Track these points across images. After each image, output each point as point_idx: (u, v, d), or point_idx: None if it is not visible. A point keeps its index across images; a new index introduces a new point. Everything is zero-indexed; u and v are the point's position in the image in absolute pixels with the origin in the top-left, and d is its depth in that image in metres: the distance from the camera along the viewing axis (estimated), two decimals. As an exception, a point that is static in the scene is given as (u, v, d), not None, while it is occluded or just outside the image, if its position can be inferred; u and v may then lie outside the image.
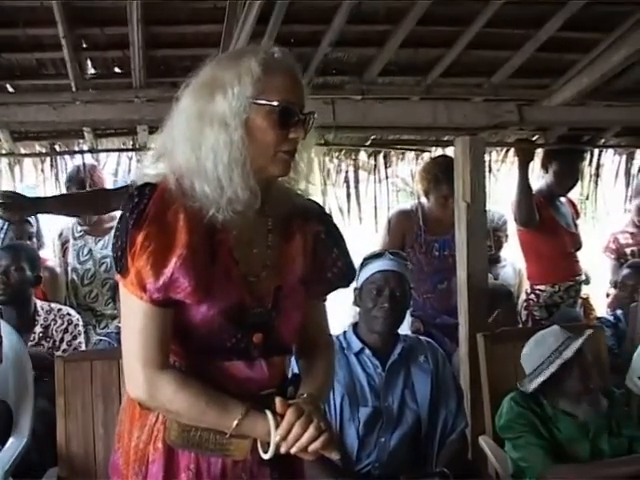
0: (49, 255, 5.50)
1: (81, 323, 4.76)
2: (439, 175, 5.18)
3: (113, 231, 2.14)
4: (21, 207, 4.58)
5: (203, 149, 2.04)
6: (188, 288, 2.02)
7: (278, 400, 2.07)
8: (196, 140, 2.05)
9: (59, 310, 4.71)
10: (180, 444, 2.14)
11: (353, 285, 3.70)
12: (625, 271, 5.47)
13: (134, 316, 2.07)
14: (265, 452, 2.09)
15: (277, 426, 2.05)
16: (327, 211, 2.49)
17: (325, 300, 2.43)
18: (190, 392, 2.07)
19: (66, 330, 4.63)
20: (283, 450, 2.05)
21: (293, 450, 2.05)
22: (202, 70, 2.12)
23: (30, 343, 4.53)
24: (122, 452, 2.24)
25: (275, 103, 2.04)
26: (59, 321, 4.65)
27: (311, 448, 2.05)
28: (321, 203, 2.50)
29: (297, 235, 2.25)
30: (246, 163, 2.04)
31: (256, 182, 2.07)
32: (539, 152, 5.69)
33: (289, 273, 2.22)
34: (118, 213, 5.30)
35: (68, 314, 4.71)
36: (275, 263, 2.20)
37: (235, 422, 2.06)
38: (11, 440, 3.80)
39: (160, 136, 2.19)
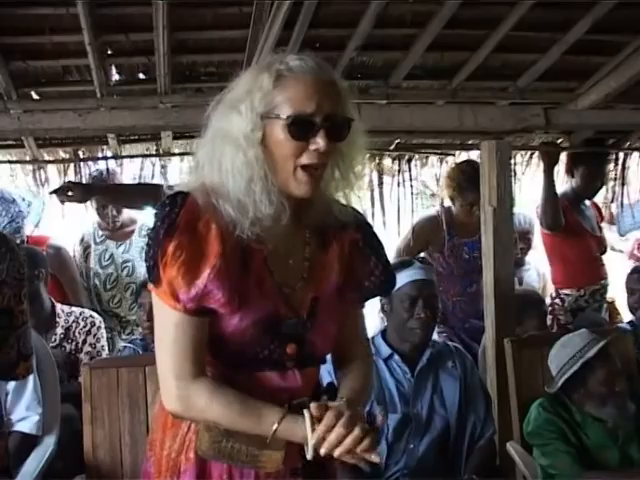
0: (47, 233, 5.48)
1: (103, 325, 4.76)
2: (463, 184, 5.17)
3: (146, 239, 2.13)
4: (82, 194, 4.91)
5: (223, 169, 2.02)
6: (222, 299, 2.00)
7: (314, 404, 2.02)
8: (218, 160, 2.03)
9: (81, 313, 4.72)
10: (211, 455, 2.12)
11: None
12: (634, 276, 5.41)
13: (167, 326, 2.05)
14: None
15: (313, 426, 2.00)
16: (367, 220, 2.41)
17: (363, 307, 2.40)
18: (223, 401, 2.05)
19: (89, 332, 4.64)
20: (323, 452, 1.98)
21: (337, 453, 1.98)
22: (230, 85, 2.10)
23: (51, 344, 4.54)
24: (154, 460, 2.23)
25: (284, 116, 1.98)
26: (82, 323, 4.66)
27: (359, 449, 1.98)
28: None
29: (334, 244, 2.22)
30: (267, 180, 2.00)
31: (285, 197, 2.03)
32: (564, 155, 5.66)
33: (325, 283, 2.20)
34: (139, 217, 5.35)
35: (91, 316, 4.72)
36: (312, 274, 2.17)
37: (274, 427, 2.02)
38: (38, 447, 3.79)
39: (197, 147, 2.17)
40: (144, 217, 5.28)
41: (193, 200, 2.02)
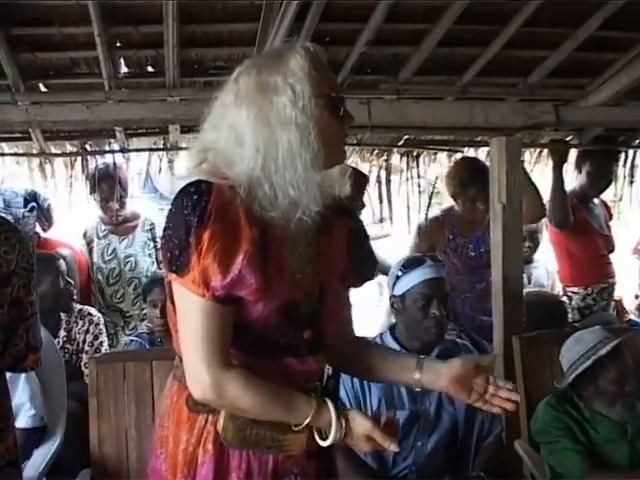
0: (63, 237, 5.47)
1: (102, 322, 4.76)
2: (465, 180, 5.14)
3: (162, 230, 2.10)
4: None
5: (280, 154, 2.01)
6: (253, 285, 2.01)
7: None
8: (271, 148, 2.02)
9: (80, 311, 4.72)
10: (236, 444, 2.12)
11: (390, 292, 3.70)
12: None
13: (194, 315, 2.04)
14: (323, 439, 2.13)
15: (338, 417, 2.09)
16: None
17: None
18: (256, 390, 2.06)
19: (87, 331, 4.65)
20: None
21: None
22: (240, 81, 2.09)
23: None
24: (166, 457, 2.21)
25: (333, 94, 2.08)
26: (80, 322, 4.66)
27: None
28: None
29: (335, 229, 2.24)
30: (321, 160, 2.04)
31: None
32: (573, 152, 5.64)
33: (330, 269, 2.22)
34: (141, 211, 5.30)
35: (89, 314, 4.72)
36: (317, 259, 2.18)
37: (308, 420, 2.08)
38: (44, 441, 3.78)
39: (200, 141, 2.16)
40: (146, 212, 5.28)
41: (219, 188, 2.02)
